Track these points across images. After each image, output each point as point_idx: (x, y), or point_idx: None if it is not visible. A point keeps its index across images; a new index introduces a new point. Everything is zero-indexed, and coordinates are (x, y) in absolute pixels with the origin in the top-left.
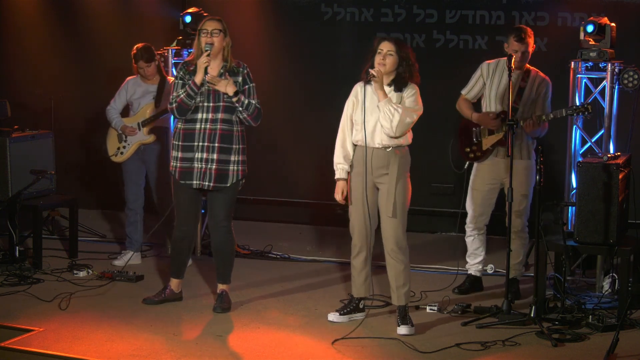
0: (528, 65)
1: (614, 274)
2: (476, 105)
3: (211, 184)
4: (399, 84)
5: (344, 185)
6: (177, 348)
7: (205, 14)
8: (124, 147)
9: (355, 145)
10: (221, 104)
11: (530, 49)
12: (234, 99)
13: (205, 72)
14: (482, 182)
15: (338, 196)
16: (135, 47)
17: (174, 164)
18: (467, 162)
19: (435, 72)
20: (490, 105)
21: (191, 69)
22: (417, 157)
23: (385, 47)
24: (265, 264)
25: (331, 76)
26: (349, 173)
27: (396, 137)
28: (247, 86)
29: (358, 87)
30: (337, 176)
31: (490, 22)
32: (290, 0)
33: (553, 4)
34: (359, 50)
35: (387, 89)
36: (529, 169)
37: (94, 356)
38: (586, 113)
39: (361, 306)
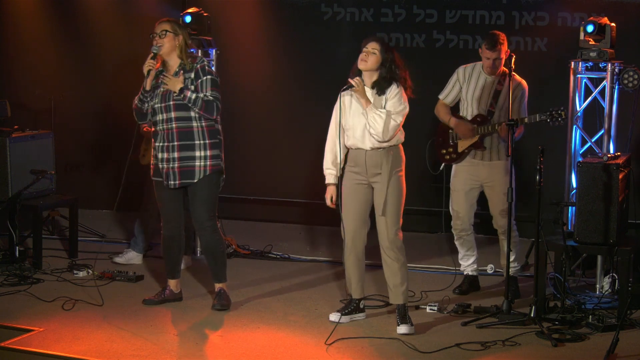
0: (504, 68)
1: (614, 274)
2: (454, 108)
3: (177, 182)
4: (380, 86)
5: (333, 190)
6: (177, 348)
7: (205, 14)
8: (145, 149)
9: (347, 150)
10: (171, 102)
11: (503, 55)
12: (180, 96)
13: (156, 76)
14: (462, 183)
15: (327, 201)
16: None
17: (152, 161)
18: (443, 164)
19: (435, 72)
20: (468, 108)
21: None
22: (418, 157)
23: (370, 45)
24: (265, 264)
25: (331, 76)
26: (339, 177)
27: (387, 141)
28: (199, 80)
29: (344, 94)
30: (326, 181)
31: (490, 22)
32: (291, 0)
33: (553, 4)
34: (359, 50)
35: (369, 91)
36: (507, 168)
37: (94, 356)
38: (560, 119)
39: (361, 306)
